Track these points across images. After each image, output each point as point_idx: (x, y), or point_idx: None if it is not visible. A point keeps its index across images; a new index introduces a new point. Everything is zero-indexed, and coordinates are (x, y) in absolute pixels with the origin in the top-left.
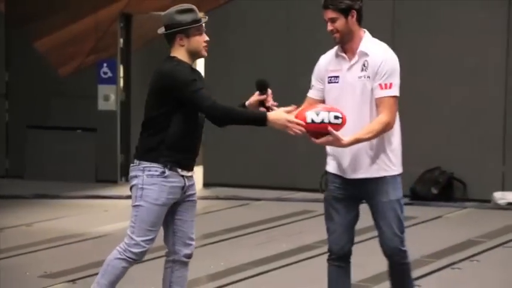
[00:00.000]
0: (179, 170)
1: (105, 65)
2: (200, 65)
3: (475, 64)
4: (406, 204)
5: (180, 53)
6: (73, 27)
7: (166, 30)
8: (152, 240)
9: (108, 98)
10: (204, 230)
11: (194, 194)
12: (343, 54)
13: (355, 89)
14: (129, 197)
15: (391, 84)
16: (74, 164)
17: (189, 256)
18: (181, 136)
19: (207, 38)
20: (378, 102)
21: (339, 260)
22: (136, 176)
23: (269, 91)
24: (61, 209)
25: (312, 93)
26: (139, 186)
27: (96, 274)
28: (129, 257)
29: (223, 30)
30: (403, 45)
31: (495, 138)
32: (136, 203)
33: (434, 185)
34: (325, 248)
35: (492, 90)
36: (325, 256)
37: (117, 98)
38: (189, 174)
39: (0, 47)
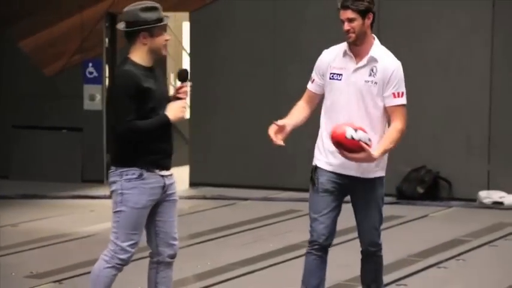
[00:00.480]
0: (157, 171)
1: (90, 64)
2: (186, 65)
3: (459, 63)
4: (392, 203)
5: (140, 52)
6: (58, 27)
7: (129, 27)
8: (137, 243)
9: (94, 98)
10: (191, 229)
11: (174, 193)
12: (351, 55)
13: (360, 91)
14: None
15: (402, 93)
16: (59, 164)
17: (173, 256)
18: (154, 136)
19: (168, 37)
20: (391, 110)
21: (321, 250)
22: (115, 182)
23: (189, 83)
24: (47, 209)
25: (312, 87)
26: (119, 191)
27: (83, 274)
28: (117, 264)
29: (211, 29)
30: (388, 44)
31: (480, 137)
32: (118, 209)
33: (420, 184)
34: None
35: (477, 89)
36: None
37: (102, 98)
38: (168, 173)
39: None
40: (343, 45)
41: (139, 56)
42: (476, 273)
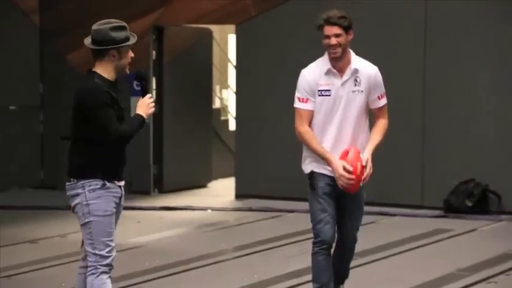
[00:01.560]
0: (116, 181)
1: None
2: (232, 77)
3: (504, 78)
4: (440, 216)
5: (106, 68)
6: None
7: (98, 45)
8: (114, 248)
9: None
10: (237, 241)
11: (122, 204)
12: (335, 71)
13: (350, 102)
14: (162, 208)
15: (384, 93)
16: None
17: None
18: (112, 148)
19: (132, 55)
20: (378, 110)
21: (328, 249)
22: (78, 194)
23: (152, 91)
24: None
25: (309, 106)
26: (84, 203)
27: (131, 285)
28: (103, 270)
29: (257, 42)
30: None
31: None
32: (87, 220)
33: (469, 197)
34: (362, 260)
35: None
36: (359, 269)
37: None
38: (123, 183)
39: (34, 59)
40: (323, 63)
41: (104, 70)
42: None
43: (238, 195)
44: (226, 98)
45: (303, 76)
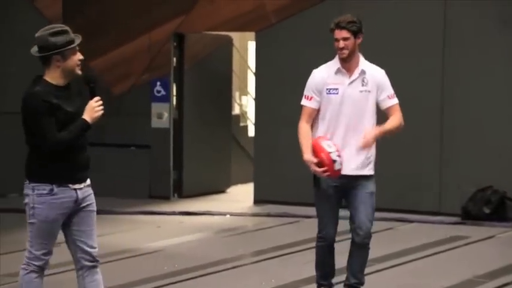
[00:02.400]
0: (70, 185)
1: (158, 83)
2: (251, 84)
3: None
4: (457, 223)
5: (54, 73)
6: (127, 47)
7: (41, 52)
8: (50, 252)
9: (162, 116)
10: (255, 247)
11: (91, 204)
12: (344, 71)
13: (357, 101)
14: (182, 213)
15: (393, 94)
16: (127, 180)
17: (92, 260)
18: (62, 152)
19: (81, 57)
20: (390, 109)
21: (330, 245)
22: (27, 195)
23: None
24: (115, 224)
25: (312, 104)
26: (31, 205)
27: None
28: (34, 270)
29: (276, 49)
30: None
31: None
32: (30, 221)
33: (487, 204)
34: (380, 266)
35: None
36: (377, 275)
37: (170, 116)
38: (81, 186)
39: None
40: (333, 64)
41: (52, 76)
42: None
43: (257, 201)
44: (245, 104)
45: (313, 75)
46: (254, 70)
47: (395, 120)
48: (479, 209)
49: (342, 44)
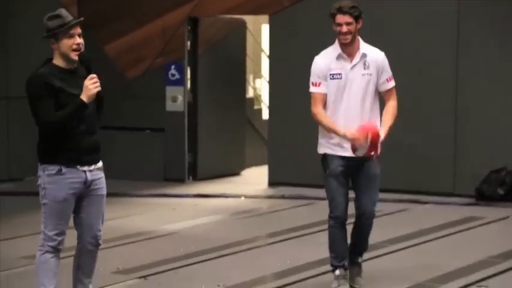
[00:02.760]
0: (78, 167)
1: (173, 67)
2: (265, 67)
3: None
4: (471, 204)
5: (56, 55)
6: (141, 31)
7: (45, 36)
8: (64, 232)
9: (176, 99)
10: (270, 228)
11: (100, 188)
12: (345, 56)
13: (359, 84)
14: (197, 196)
15: (391, 76)
16: (142, 163)
17: (95, 245)
18: (68, 134)
19: (78, 41)
20: (387, 92)
21: (342, 223)
22: (39, 176)
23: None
24: (130, 207)
25: (322, 90)
26: (42, 186)
27: (168, 270)
28: (49, 250)
29: (290, 32)
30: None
31: None
32: (42, 201)
33: (501, 185)
34: (394, 247)
35: None
36: (393, 255)
37: (184, 99)
38: (91, 168)
39: None
40: (334, 49)
41: (56, 58)
42: None
43: (271, 183)
44: (259, 87)
45: (316, 62)
46: (268, 53)
47: (391, 111)
48: (493, 190)
49: (345, 28)
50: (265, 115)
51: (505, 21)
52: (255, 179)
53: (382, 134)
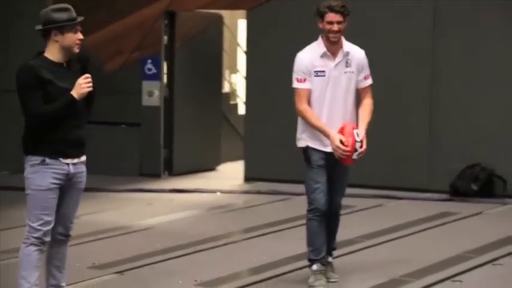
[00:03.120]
0: (61, 159)
1: (149, 61)
2: (241, 62)
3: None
4: (446, 200)
5: (52, 48)
6: (118, 25)
7: (43, 27)
8: (48, 222)
9: (152, 94)
10: (246, 224)
11: (80, 181)
12: (329, 54)
13: (342, 81)
14: (172, 191)
15: (369, 74)
16: (118, 158)
17: (65, 235)
18: (53, 127)
19: (80, 37)
20: (364, 90)
21: (322, 216)
22: (25, 168)
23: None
24: (106, 202)
25: (307, 86)
26: (26, 176)
27: (144, 266)
28: (34, 242)
29: (267, 27)
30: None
31: None
32: (26, 192)
33: (475, 181)
34: (370, 242)
35: None
36: (366, 251)
37: (161, 94)
38: (75, 161)
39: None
40: (318, 46)
41: (50, 52)
42: None
43: (247, 178)
44: (235, 82)
45: (300, 58)
46: (244, 48)
47: (368, 109)
48: (467, 186)
49: (336, 27)
50: (241, 110)
51: (482, 13)
52: (230, 174)
53: (362, 132)
